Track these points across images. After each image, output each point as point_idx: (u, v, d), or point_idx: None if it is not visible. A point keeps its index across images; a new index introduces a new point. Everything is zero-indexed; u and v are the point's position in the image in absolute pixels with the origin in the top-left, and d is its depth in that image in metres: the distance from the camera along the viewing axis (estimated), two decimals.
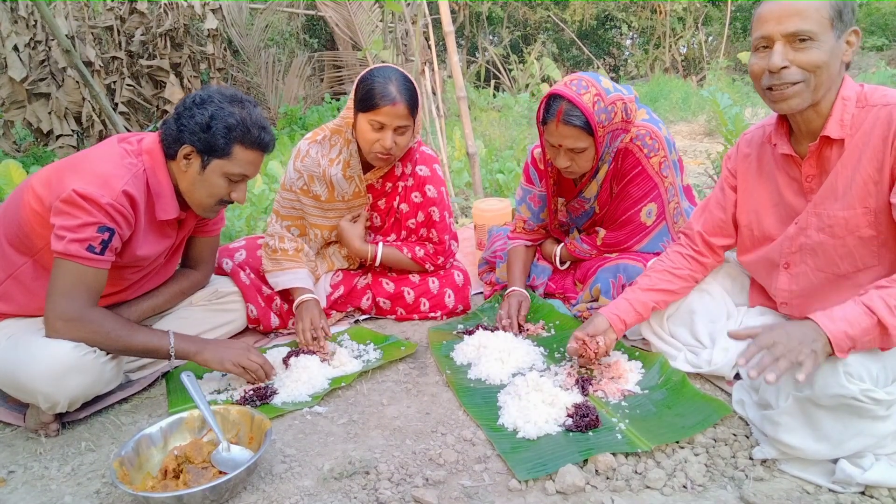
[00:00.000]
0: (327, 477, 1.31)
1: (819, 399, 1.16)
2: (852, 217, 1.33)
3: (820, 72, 1.29)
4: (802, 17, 1.27)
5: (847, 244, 1.36)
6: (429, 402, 1.62)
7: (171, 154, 1.57)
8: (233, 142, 1.55)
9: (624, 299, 1.64)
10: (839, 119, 1.32)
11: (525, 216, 2.17)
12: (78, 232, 1.42)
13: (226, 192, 1.61)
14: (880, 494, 1.16)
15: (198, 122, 1.52)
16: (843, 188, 1.34)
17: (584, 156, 1.79)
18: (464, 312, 2.17)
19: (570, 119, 1.71)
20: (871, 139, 1.30)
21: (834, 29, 1.28)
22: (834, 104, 1.33)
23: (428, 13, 4.11)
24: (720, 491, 1.21)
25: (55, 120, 5.75)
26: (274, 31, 7.78)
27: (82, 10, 6.07)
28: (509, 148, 5.04)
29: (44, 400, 1.44)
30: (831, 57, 1.28)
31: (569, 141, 1.74)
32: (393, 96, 1.79)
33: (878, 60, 9.01)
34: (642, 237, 1.94)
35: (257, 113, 1.60)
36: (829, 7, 1.27)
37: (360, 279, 2.16)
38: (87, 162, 1.51)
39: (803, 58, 1.28)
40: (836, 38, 1.28)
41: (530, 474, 1.27)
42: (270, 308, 2.05)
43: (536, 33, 11.18)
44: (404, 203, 2.09)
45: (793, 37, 1.28)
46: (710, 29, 10.95)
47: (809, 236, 1.41)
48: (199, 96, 1.56)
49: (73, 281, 1.44)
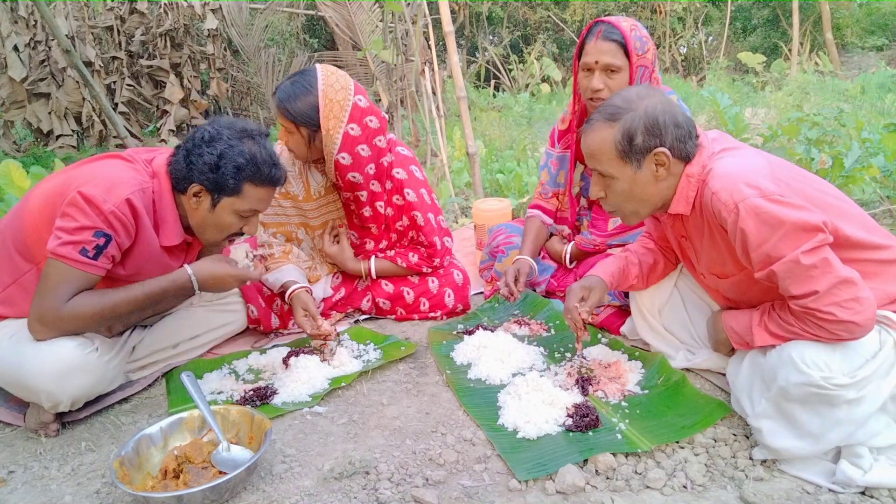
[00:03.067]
0: (327, 477, 1.31)
1: (787, 391, 1.18)
2: (741, 280, 1.38)
3: (627, 202, 1.39)
4: (596, 159, 1.38)
5: (756, 294, 1.38)
6: (429, 402, 1.62)
7: (180, 188, 1.56)
8: (243, 181, 1.52)
9: (611, 261, 1.66)
10: (684, 197, 1.36)
11: (544, 180, 2.20)
12: (74, 234, 1.41)
13: (237, 227, 1.60)
14: (880, 495, 1.17)
15: (206, 161, 1.49)
16: (718, 256, 1.38)
17: (618, 79, 1.84)
18: (464, 312, 2.17)
19: (610, 34, 1.83)
20: (710, 218, 1.31)
21: (629, 163, 1.34)
22: (678, 184, 1.36)
23: (428, 13, 4.11)
24: (720, 491, 1.22)
25: (55, 120, 5.75)
26: (274, 31, 7.78)
27: (82, 10, 6.07)
28: (509, 148, 5.04)
29: (47, 399, 1.44)
30: (635, 187, 1.36)
31: (606, 56, 1.82)
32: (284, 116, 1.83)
33: (878, 60, 9.01)
34: None
35: (267, 147, 1.57)
36: (614, 147, 1.33)
37: (360, 282, 2.17)
38: (97, 171, 1.50)
39: (610, 192, 1.40)
40: (634, 169, 1.34)
41: (530, 474, 1.27)
42: (271, 308, 2.05)
43: (536, 33, 11.18)
44: (389, 208, 2.08)
45: (598, 173, 1.40)
46: (710, 29, 10.95)
47: (727, 291, 1.46)
48: (207, 133, 1.53)
49: (58, 280, 1.41)
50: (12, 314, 1.57)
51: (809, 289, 1.16)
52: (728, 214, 1.22)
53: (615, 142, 1.32)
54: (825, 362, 1.16)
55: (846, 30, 10.50)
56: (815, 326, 1.18)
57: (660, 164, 1.33)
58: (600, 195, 1.42)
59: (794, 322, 1.22)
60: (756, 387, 1.31)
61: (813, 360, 1.16)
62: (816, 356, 1.17)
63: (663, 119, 1.31)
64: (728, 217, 1.22)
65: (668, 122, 1.31)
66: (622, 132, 1.31)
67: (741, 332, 1.38)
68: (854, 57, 10.04)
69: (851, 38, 10.49)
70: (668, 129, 1.31)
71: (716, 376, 1.61)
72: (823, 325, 1.16)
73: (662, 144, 1.31)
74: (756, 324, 1.32)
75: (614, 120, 1.33)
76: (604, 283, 1.60)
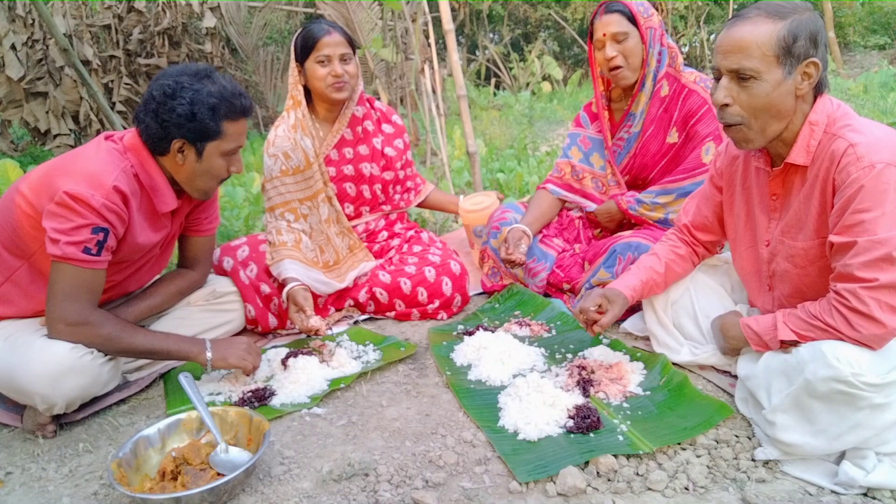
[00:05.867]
0: (326, 479, 1.30)
1: (813, 386, 1.17)
2: (811, 248, 1.32)
3: (760, 113, 1.26)
4: (745, 53, 1.23)
5: (810, 273, 1.35)
6: (429, 403, 1.61)
7: (159, 150, 1.55)
8: (221, 120, 1.54)
9: (632, 275, 1.64)
10: (805, 145, 1.28)
11: (574, 160, 2.20)
12: (73, 234, 1.41)
13: (225, 170, 1.62)
14: (882, 496, 1.16)
15: (180, 113, 1.49)
16: (803, 218, 1.33)
17: (629, 44, 1.92)
18: (463, 305, 2.16)
19: (612, 6, 1.94)
20: (821, 171, 1.27)
21: (782, 65, 1.22)
22: (801, 130, 1.28)
23: (428, 11, 4.10)
24: (722, 492, 1.21)
25: (53, 119, 5.73)
26: (272, 29, 7.76)
27: (80, 8, 6.05)
28: (510, 147, 5.03)
29: (41, 401, 1.43)
30: (776, 95, 1.24)
31: (613, 27, 1.92)
32: (325, 28, 2.01)
33: (880, 59, 9.00)
34: (696, 174, 1.93)
35: (227, 80, 1.58)
36: (776, 43, 1.21)
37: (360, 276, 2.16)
38: (76, 162, 1.50)
39: (744, 97, 1.26)
40: (784, 74, 1.23)
41: (531, 476, 1.26)
42: (268, 308, 2.04)
43: (537, 31, 11.16)
44: (388, 147, 2.23)
45: (735, 73, 1.25)
46: (711, 27, 10.92)
47: (778, 263, 1.41)
48: (167, 87, 1.51)
49: (73, 283, 1.44)
50: (9, 313, 1.57)
51: (873, 275, 1.15)
52: (856, 169, 1.17)
53: (779, 37, 1.20)
54: (857, 360, 1.15)
55: (848, 28, 10.49)
56: (840, 319, 1.18)
57: (807, 76, 1.24)
58: (727, 101, 1.27)
59: (820, 314, 1.22)
60: (776, 382, 1.28)
61: (846, 357, 1.15)
62: (849, 353, 1.16)
63: (822, 33, 1.24)
64: (853, 171, 1.17)
65: (823, 39, 1.24)
66: (788, 30, 1.20)
67: (761, 331, 1.34)
68: (856, 56, 10.03)
69: (854, 37, 10.48)
70: (822, 44, 1.24)
71: (718, 377, 1.60)
72: (851, 318, 1.17)
73: (816, 55, 1.23)
74: (781, 320, 1.31)
75: (781, 17, 1.22)
76: (625, 300, 1.58)
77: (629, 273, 1.65)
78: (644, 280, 1.61)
